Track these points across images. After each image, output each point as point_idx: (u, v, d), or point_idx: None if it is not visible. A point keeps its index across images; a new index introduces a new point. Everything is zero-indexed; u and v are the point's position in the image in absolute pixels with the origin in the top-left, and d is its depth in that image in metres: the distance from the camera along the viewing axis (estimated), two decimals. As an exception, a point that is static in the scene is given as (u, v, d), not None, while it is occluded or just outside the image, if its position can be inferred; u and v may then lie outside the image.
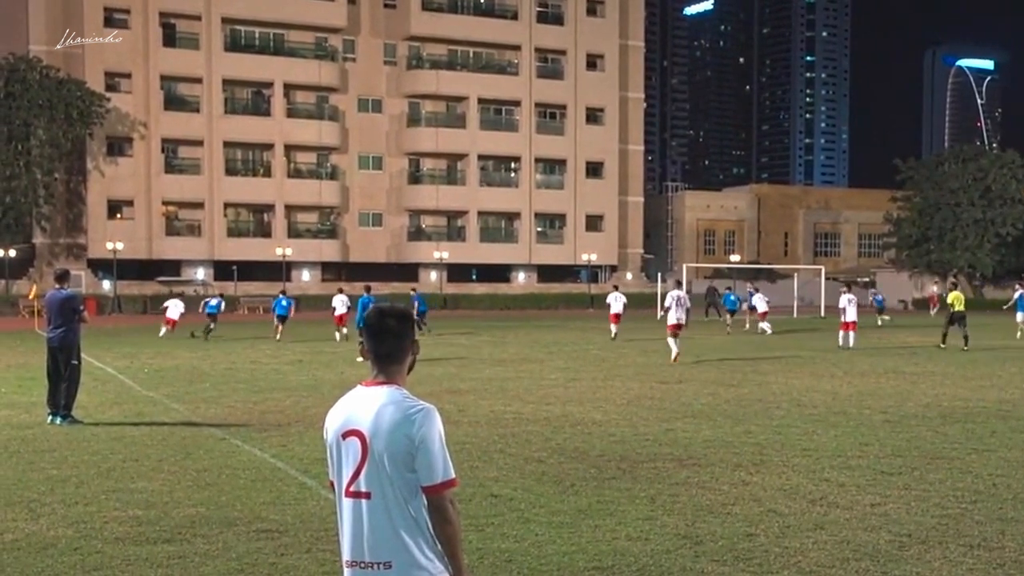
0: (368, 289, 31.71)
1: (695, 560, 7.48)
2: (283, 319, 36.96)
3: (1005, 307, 43.90)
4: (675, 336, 26.46)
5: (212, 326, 37.38)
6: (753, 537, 8.14)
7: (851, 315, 32.81)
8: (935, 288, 66.07)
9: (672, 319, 26.68)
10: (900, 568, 7.28)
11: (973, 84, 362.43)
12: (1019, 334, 37.74)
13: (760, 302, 41.18)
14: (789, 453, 12.10)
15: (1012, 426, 14.40)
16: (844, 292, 33.75)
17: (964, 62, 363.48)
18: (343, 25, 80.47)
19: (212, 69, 76.40)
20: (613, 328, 36.61)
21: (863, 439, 13.18)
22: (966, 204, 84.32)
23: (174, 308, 39.44)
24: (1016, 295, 40.32)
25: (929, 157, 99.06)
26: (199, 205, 77.31)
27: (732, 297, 46.02)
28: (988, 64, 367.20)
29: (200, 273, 76.88)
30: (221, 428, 14.36)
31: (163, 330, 38.72)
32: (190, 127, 76.40)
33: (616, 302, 37.10)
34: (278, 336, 36.18)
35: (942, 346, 31.81)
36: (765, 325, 40.35)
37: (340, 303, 35.98)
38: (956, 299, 32.84)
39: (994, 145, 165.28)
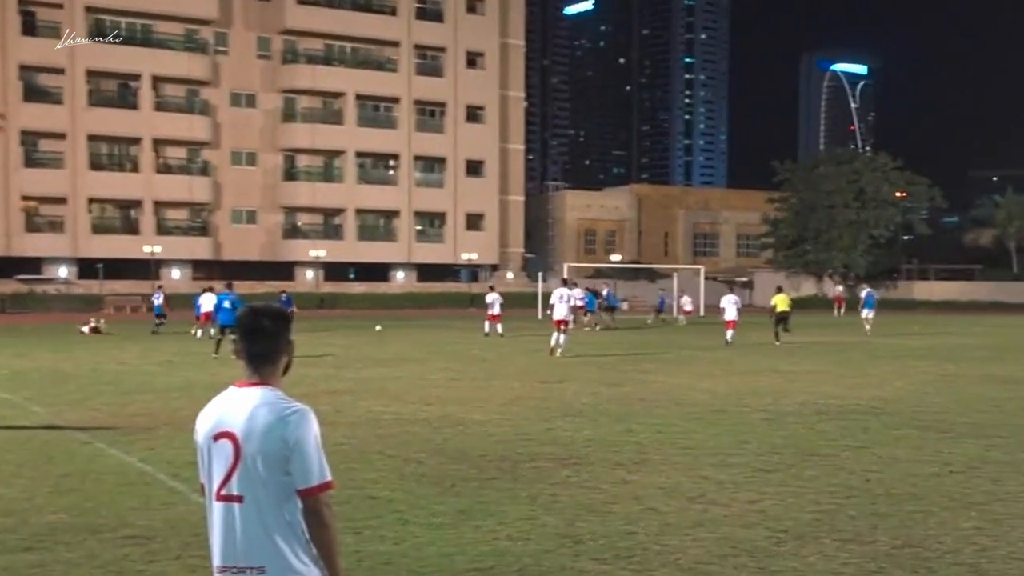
0: (229, 286, 30.35)
1: (575, 559, 7.49)
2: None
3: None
4: (559, 331, 27.96)
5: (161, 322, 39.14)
6: (633, 535, 8.17)
7: (730, 314, 34.59)
8: (839, 289, 67.32)
9: (558, 315, 28.30)
10: (777, 563, 7.36)
11: (847, 88, 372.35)
12: (867, 328, 41.28)
13: (688, 304, 41.62)
14: (669, 451, 12.19)
15: (884, 423, 14.77)
16: (727, 294, 36.09)
17: (838, 67, 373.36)
18: (214, 17, 78.09)
19: (75, 59, 73.11)
20: (487, 325, 38.40)
21: (741, 437, 13.33)
22: (841, 206, 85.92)
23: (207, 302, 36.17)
24: (863, 294, 45.37)
25: (805, 159, 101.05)
26: (62, 200, 73.77)
27: (592, 297, 46.51)
28: (861, 69, 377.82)
29: (63, 271, 73.46)
30: (85, 431, 13.85)
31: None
32: (52, 119, 72.90)
33: (495, 303, 38.68)
34: None
35: (776, 343, 33.39)
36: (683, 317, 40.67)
37: (207, 302, 34.86)
38: (779, 301, 35.23)
39: (867, 148, 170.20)
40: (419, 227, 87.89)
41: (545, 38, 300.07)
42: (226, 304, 28.26)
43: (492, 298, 39.25)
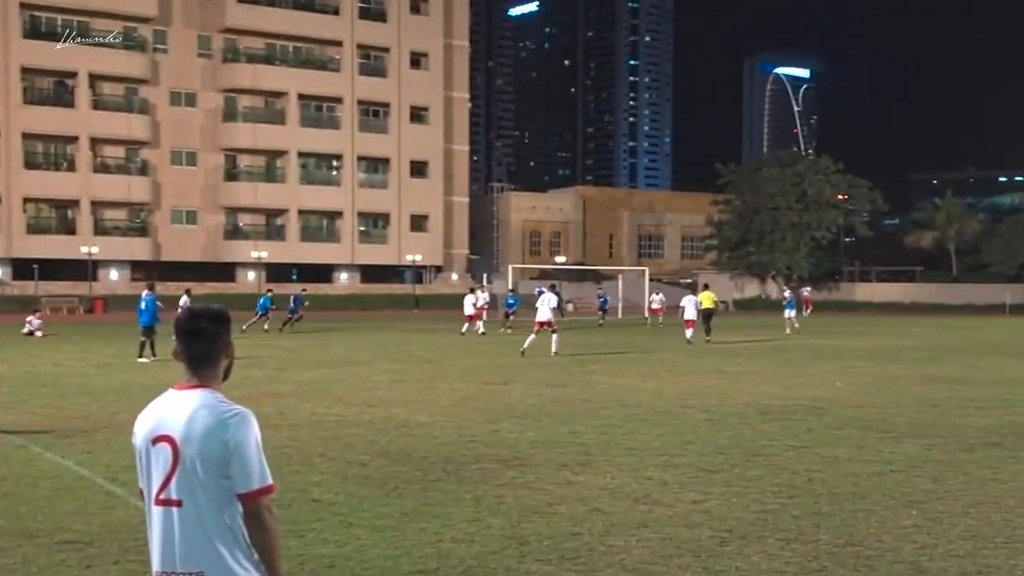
0: (151, 288, 29.42)
1: (520, 560, 7.45)
2: (265, 316, 41.49)
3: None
4: (538, 332, 29.40)
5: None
6: (578, 536, 8.16)
7: (690, 314, 36.33)
8: (807, 291, 67.75)
9: (541, 316, 29.65)
10: (721, 563, 7.38)
11: (790, 92, 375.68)
12: (788, 330, 42.70)
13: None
14: (614, 452, 12.19)
15: (826, 423, 14.89)
16: (688, 295, 37.59)
17: (781, 70, 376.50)
18: (154, 15, 77.00)
19: (8, 56, 71.74)
20: (466, 325, 40.94)
21: (686, 437, 13.37)
22: (784, 208, 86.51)
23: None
24: (786, 293, 47.99)
25: (749, 162, 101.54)
26: (-6, 200, 72.42)
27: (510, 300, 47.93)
28: (804, 73, 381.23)
29: (-3, 272, 72.07)
30: (20, 435, 13.53)
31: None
32: (-17, 117, 71.48)
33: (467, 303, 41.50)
34: (265, 327, 40.71)
35: (708, 340, 34.78)
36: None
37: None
38: (705, 298, 36.91)
39: (810, 151, 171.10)
40: (363, 228, 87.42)
41: (490, 39, 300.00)
42: (142, 306, 27.64)
43: (468, 298, 42.00)
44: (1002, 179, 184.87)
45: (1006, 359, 28.71)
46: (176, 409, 3.63)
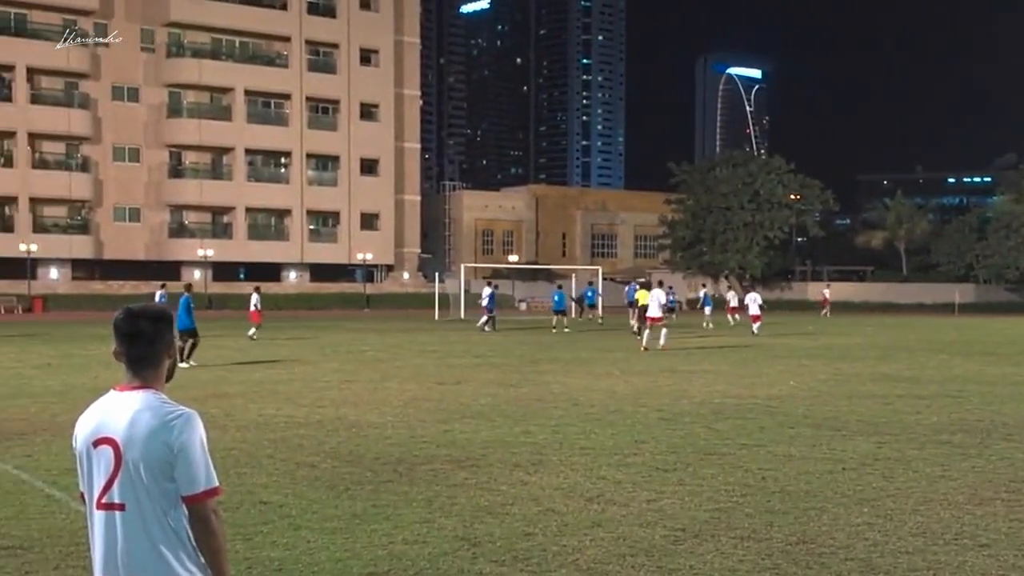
0: (188, 288, 27.95)
1: (473, 561, 7.44)
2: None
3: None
4: (651, 327, 31.23)
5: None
6: (531, 536, 8.16)
7: (754, 310, 39.87)
8: (826, 291, 68.07)
9: (652, 313, 31.23)
10: (675, 562, 7.41)
11: (742, 92, 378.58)
12: (706, 324, 45.71)
13: (752, 304, 42.57)
14: (567, 452, 12.20)
15: (779, 421, 14.99)
16: (752, 292, 40.00)
17: (733, 70, 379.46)
18: (95, 8, 75.44)
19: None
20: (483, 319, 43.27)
21: (639, 437, 13.39)
22: (736, 208, 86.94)
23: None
24: (701, 293, 51.60)
25: (701, 162, 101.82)
26: (-73, 195, 70.51)
27: (589, 293, 54.17)
28: (756, 73, 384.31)
29: (-71, 269, 70.00)
30: None
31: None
32: (-83, 112, 69.40)
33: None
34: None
35: (637, 336, 34.85)
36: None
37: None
38: (642, 296, 36.72)
39: (762, 151, 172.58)
40: (312, 226, 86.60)
41: (440, 36, 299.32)
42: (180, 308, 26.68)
43: (485, 290, 44.14)
44: (950, 180, 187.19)
45: (955, 357, 29.02)
46: (118, 411, 3.55)
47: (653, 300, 31.53)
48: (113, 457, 3.50)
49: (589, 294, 55.13)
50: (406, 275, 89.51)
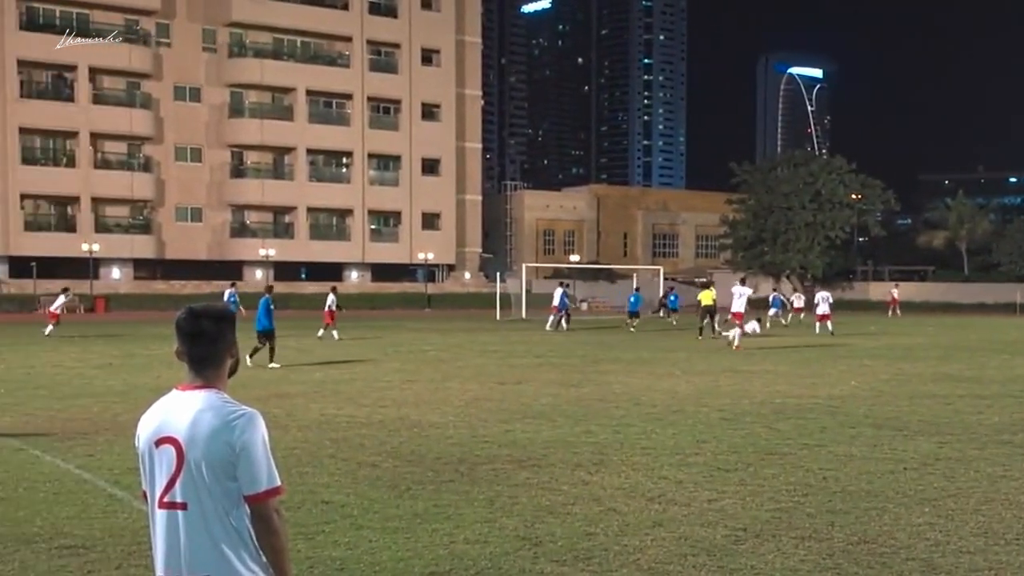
0: (269, 290, 27.56)
1: (534, 561, 7.43)
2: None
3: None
4: (737, 324, 31.83)
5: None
6: (592, 536, 8.16)
7: (823, 309, 40.45)
8: (895, 291, 68.38)
9: (736, 308, 31.68)
10: (736, 562, 7.40)
11: (803, 91, 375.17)
12: (766, 324, 45.81)
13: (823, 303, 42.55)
14: (628, 452, 12.18)
15: (840, 421, 14.92)
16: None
17: (795, 70, 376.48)
18: (156, 8, 75.79)
19: (4, 48, 70.29)
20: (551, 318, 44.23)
21: (700, 437, 13.38)
22: (797, 207, 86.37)
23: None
24: (771, 296, 52.50)
25: (762, 161, 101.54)
26: (-10, 196, 71.12)
27: (672, 297, 55.24)
28: (817, 73, 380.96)
29: (-8, 270, 70.94)
30: (18, 438, 13.35)
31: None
32: (-22, 111, 70.19)
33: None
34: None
35: (699, 338, 35.96)
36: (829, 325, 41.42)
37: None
38: (705, 296, 37.49)
39: (823, 151, 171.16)
40: (373, 226, 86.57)
41: (502, 36, 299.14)
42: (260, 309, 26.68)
43: (557, 291, 44.22)
44: (1012, 180, 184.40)
45: (1017, 357, 28.82)
46: (180, 410, 3.56)
47: (739, 297, 31.79)
48: (175, 456, 3.52)
49: (672, 298, 55.83)
50: (467, 275, 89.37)
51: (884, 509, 9.09)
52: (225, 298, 37.57)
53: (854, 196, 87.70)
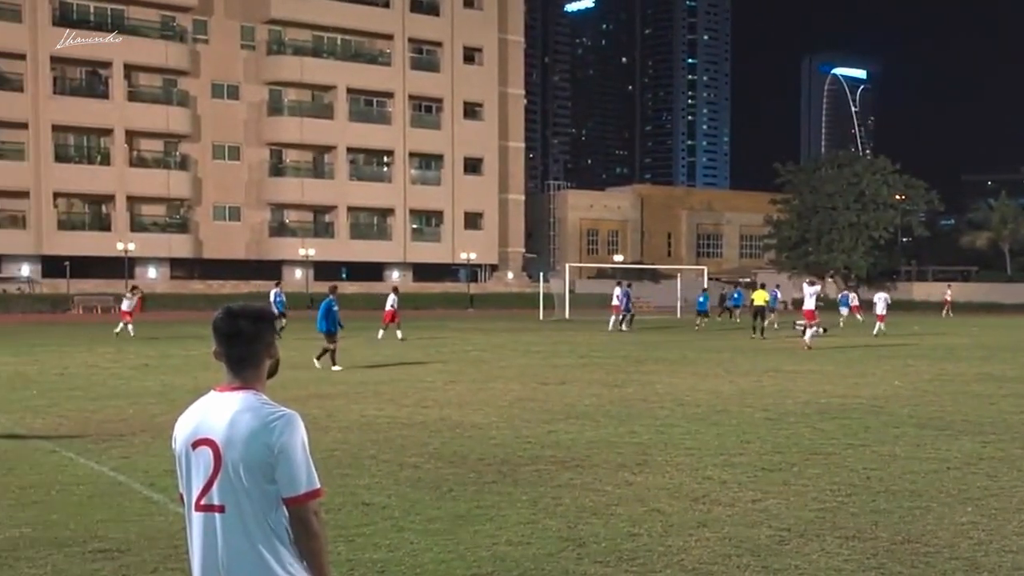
0: (333, 290, 27.22)
1: (578, 562, 7.42)
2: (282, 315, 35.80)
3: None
4: (810, 324, 31.83)
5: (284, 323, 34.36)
6: (636, 537, 8.15)
7: (880, 309, 41.40)
8: (948, 293, 68.97)
9: (808, 306, 32.14)
10: (780, 562, 7.41)
11: (847, 92, 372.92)
12: (841, 323, 47.05)
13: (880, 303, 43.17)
14: (672, 452, 12.16)
15: (884, 421, 14.85)
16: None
17: (839, 71, 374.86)
18: (193, 4, 75.62)
19: (37, 45, 70.01)
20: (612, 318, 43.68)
21: (744, 437, 13.34)
22: (842, 208, 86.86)
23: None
24: (840, 296, 53.59)
25: (807, 162, 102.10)
26: (23, 194, 70.38)
27: (735, 295, 56.98)
28: (861, 73, 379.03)
29: (25, 269, 70.39)
30: (51, 440, 13.12)
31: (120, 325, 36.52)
32: (11, 108, 69.46)
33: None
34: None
35: (753, 336, 37.29)
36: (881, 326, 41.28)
37: None
38: (758, 296, 39.36)
39: (867, 152, 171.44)
40: (415, 225, 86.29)
41: (546, 35, 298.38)
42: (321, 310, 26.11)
43: (616, 290, 44.09)
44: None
45: None
46: (218, 412, 3.51)
47: (811, 297, 32.23)
48: (212, 458, 3.47)
49: (736, 295, 57.24)
50: (510, 275, 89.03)
51: (928, 508, 9.09)
52: (271, 298, 37.27)
53: (898, 197, 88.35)
